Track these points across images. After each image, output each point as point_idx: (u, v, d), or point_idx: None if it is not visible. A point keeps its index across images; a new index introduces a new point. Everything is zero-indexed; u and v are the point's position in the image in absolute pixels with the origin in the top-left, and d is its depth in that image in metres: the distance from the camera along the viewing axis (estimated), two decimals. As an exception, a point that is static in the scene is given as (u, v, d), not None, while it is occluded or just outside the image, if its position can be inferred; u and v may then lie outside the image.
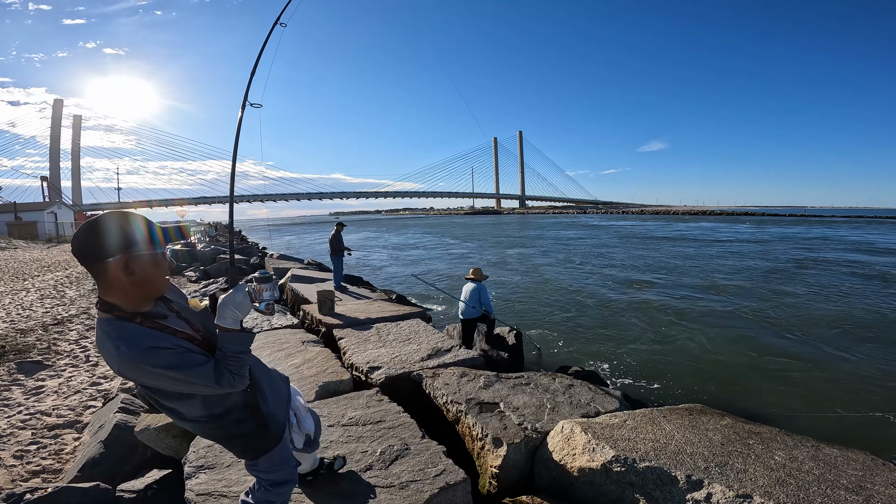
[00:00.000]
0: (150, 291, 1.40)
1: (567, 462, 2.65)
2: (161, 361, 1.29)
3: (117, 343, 1.29)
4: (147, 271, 1.36)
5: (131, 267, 1.32)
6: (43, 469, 3.37)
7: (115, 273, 1.31)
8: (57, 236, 32.18)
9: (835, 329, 8.90)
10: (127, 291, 1.34)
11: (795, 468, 2.73)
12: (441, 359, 4.26)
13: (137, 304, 1.38)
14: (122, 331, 1.31)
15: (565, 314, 10.43)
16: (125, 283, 1.33)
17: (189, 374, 1.33)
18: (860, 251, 23.00)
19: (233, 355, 1.42)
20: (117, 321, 1.33)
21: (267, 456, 1.69)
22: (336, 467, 2.37)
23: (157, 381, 1.33)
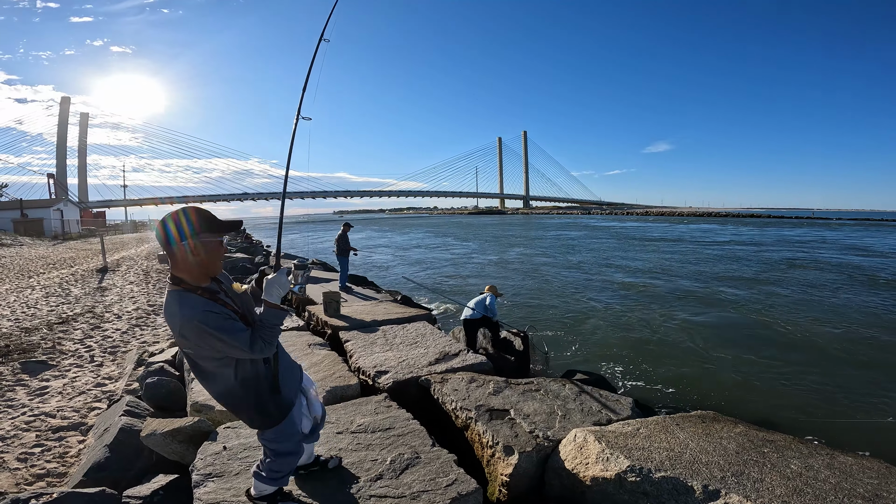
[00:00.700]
0: (210, 271, 1.75)
1: (580, 471, 2.60)
2: (214, 323, 1.62)
3: (182, 308, 1.63)
4: (209, 255, 1.71)
5: (197, 250, 1.67)
6: (47, 472, 3.33)
7: (185, 254, 1.67)
8: (63, 233, 32.30)
9: (836, 332, 8.82)
10: (192, 269, 1.70)
11: (812, 477, 2.68)
12: (449, 363, 4.21)
13: (199, 279, 1.72)
14: (186, 299, 1.65)
15: (568, 316, 10.36)
16: (191, 262, 1.68)
17: (232, 337, 1.64)
18: (853, 253, 23.00)
19: (270, 327, 1.73)
20: (183, 292, 1.67)
21: (275, 428, 1.93)
22: (330, 465, 2.48)
23: (207, 341, 1.64)
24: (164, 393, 4.07)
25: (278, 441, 1.97)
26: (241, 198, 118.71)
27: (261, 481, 2.08)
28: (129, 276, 13.00)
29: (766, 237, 35.31)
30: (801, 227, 54.22)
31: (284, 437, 1.97)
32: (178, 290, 1.69)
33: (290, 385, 2.02)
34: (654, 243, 30.10)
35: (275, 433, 1.95)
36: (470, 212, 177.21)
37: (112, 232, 41.58)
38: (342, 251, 9.64)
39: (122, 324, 7.40)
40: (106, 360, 5.68)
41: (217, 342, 1.64)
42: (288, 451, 2.01)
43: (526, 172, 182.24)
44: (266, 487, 2.11)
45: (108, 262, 15.47)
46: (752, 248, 26.56)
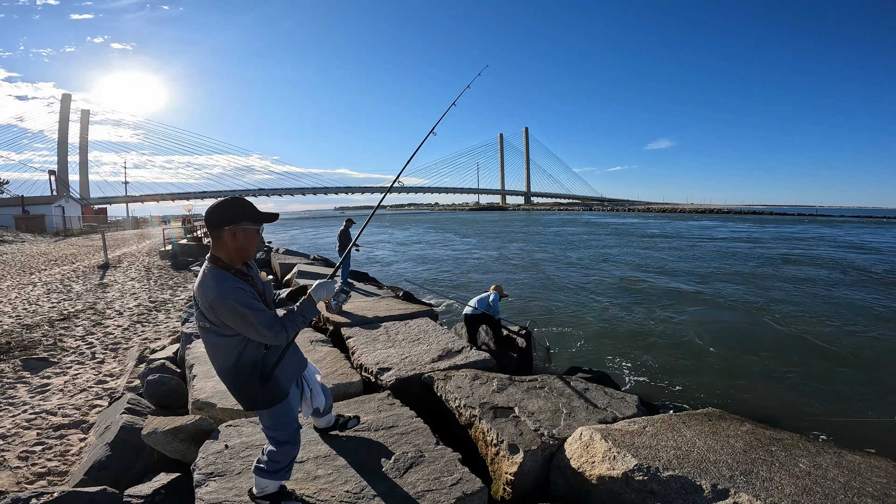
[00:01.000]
0: (245, 255, 1.94)
1: (585, 470, 2.57)
2: (242, 299, 1.78)
3: (218, 282, 1.80)
4: (247, 240, 1.91)
5: (238, 236, 1.88)
6: (48, 471, 3.31)
7: (226, 237, 1.87)
8: (64, 230, 32.31)
9: (837, 329, 8.80)
10: (230, 252, 1.89)
11: (820, 476, 2.64)
12: (452, 360, 4.17)
13: (234, 261, 1.92)
14: (222, 276, 1.83)
15: (568, 312, 10.34)
16: (231, 245, 1.88)
17: (256, 315, 1.78)
18: (850, 250, 23.05)
19: (301, 316, 1.91)
20: (219, 269, 1.86)
21: (270, 412, 2.02)
22: (349, 426, 2.77)
23: (233, 316, 1.78)
24: (166, 390, 4.05)
25: (275, 428, 2.06)
26: (243, 194, 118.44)
27: (261, 475, 2.12)
28: (131, 272, 12.99)
29: (764, 234, 35.36)
30: (801, 223, 54.19)
31: (281, 424, 2.06)
32: (215, 267, 1.87)
33: (288, 376, 2.10)
34: (652, 239, 30.24)
35: (272, 419, 2.04)
36: (471, 208, 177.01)
37: (114, 228, 41.61)
38: (344, 247, 9.60)
39: (124, 320, 7.38)
40: (107, 356, 5.66)
41: (241, 319, 1.78)
42: (285, 439, 2.08)
43: (527, 168, 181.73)
44: (267, 483, 2.14)
45: (109, 258, 15.47)
46: (749, 244, 26.72)
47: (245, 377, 1.94)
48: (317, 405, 2.40)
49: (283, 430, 2.07)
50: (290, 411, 2.08)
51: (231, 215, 1.86)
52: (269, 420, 2.06)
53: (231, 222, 1.86)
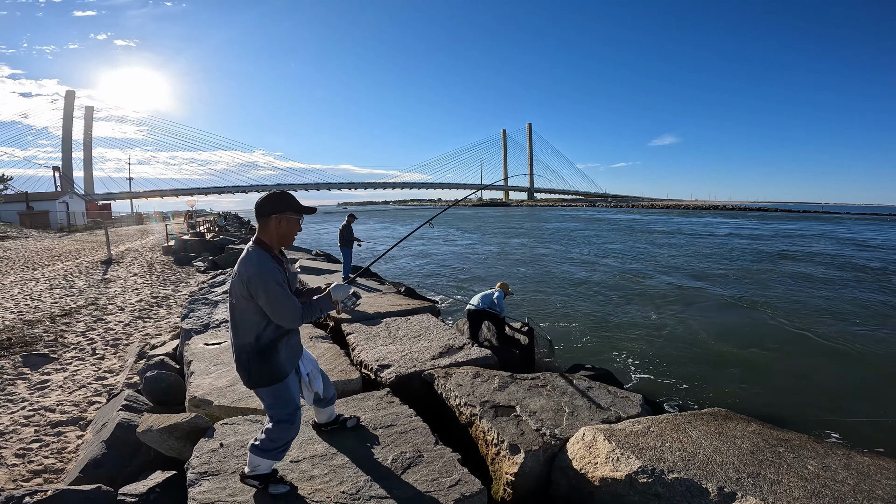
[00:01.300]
0: (286, 241, 2.16)
1: (588, 471, 2.50)
2: (276, 277, 1.99)
3: (261, 260, 2.02)
4: (289, 228, 2.12)
5: (282, 223, 2.09)
6: (45, 468, 3.28)
7: (272, 224, 2.08)
8: (68, 226, 32.44)
9: (838, 327, 8.69)
10: (273, 237, 2.11)
11: (829, 478, 2.57)
12: (453, 357, 4.11)
13: (275, 247, 2.13)
14: (263, 255, 2.05)
15: (570, 307, 10.27)
16: (274, 232, 2.10)
17: (283, 295, 1.99)
18: (851, 247, 22.95)
19: (318, 309, 2.13)
20: (262, 250, 2.07)
21: (270, 390, 2.14)
22: (349, 425, 2.79)
23: (266, 291, 1.96)
24: (164, 387, 4.00)
25: (275, 406, 2.17)
26: (246, 190, 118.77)
27: (255, 453, 2.20)
28: (134, 267, 13.00)
29: (766, 230, 35.18)
30: (804, 220, 53.84)
31: (281, 401, 2.17)
32: (259, 248, 2.08)
33: (287, 358, 2.20)
34: (653, 235, 30.21)
35: (272, 396, 2.16)
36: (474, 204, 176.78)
37: (117, 224, 41.76)
38: (346, 242, 9.54)
39: (125, 316, 7.37)
40: (108, 352, 5.64)
41: (272, 297, 1.96)
42: (283, 418, 2.17)
43: (531, 164, 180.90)
44: (260, 462, 2.21)
45: (112, 253, 15.49)
46: (749, 240, 26.65)
47: (257, 354, 2.09)
48: (316, 389, 2.48)
49: (283, 407, 2.17)
50: (289, 390, 2.19)
51: (278, 205, 2.08)
52: (270, 398, 2.17)
53: (278, 211, 2.07)
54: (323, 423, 2.75)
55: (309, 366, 2.46)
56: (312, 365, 2.50)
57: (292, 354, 2.25)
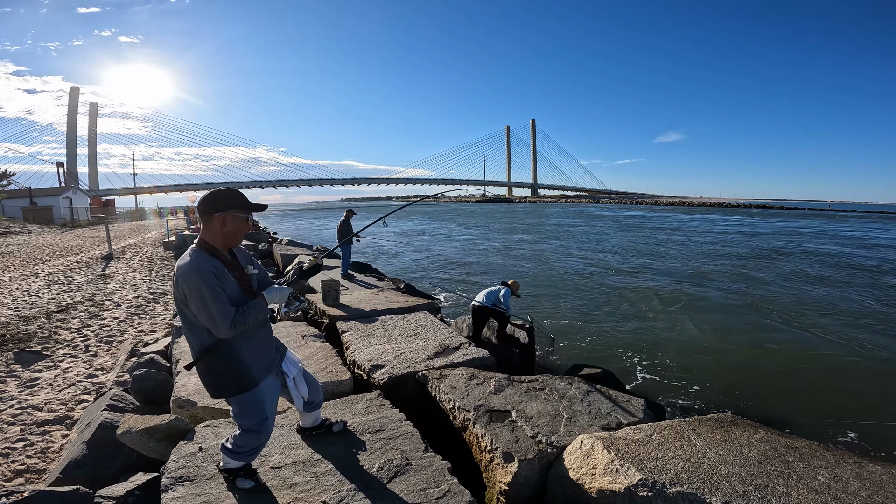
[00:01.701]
0: (232, 242, 2.02)
1: (585, 482, 2.37)
2: (207, 279, 1.83)
3: (192, 260, 1.88)
4: (235, 227, 1.98)
5: (227, 222, 1.95)
6: (27, 468, 3.20)
7: (216, 223, 1.95)
8: (72, 221, 32.51)
9: (838, 325, 8.53)
10: (217, 238, 1.97)
11: (840, 489, 2.44)
12: (448, 357, 3.98)
13: (221, 248, 1.99)
14: (200, 255, 1.91)
15: (571, 304, 10.13)
16: (219, 232, 1.96)
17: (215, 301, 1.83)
18: (848, 244, 22.76)
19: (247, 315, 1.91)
20: (202, 251, 1.94)
21: (236, 400, 2.05)
22: (335, 430, 2.67)
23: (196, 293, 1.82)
24: (153, 386, 3.91)
25: (240, 416, 2.10)
26: (250, 185, 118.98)
27: (225, 453, 2.18)
28: (134, 263, 12.95)
29: (766, 228, 34.99)
30: (806, 218, 53.46)
31: (245, 412, 2.08)
32: (199, 249, 1.94)
33: (259, 365, 2.08)
34: (651, 231, 30.06)
35: (238, 405, 2.08)
36: (477, 200, 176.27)
37: (121, 219, 41.87)
38: (344, 238, 9.43)
39: (121, 312, 7.29)
40: (101, 349, 5.55)
41: (201, 301, 1.83)
42: (248, 427, 2.09)
43: (534, 161, 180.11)
44: (229, 461, 2.19)
45: (113, 249, 15.46)
46: (747, 237, 26.57)
47: (211, 362, 1.99)
48: (303, 393, 2.38)
49: (249, 418, 2.09)
50: (256, 401, 2.08)
51: (223, 202, 1.94)
52: (236, 407, 2.10)
53: (222, 209, 1.94)
54: (308, 427, 2.64)
55: (294, 370, 2.36)
56: (297, 369, 2.40)
57: (262, 360, 2.11)
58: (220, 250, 1.98)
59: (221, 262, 1.95)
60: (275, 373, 2.22)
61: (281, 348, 2.34)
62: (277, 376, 2.26)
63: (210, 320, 1.85)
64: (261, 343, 2.11)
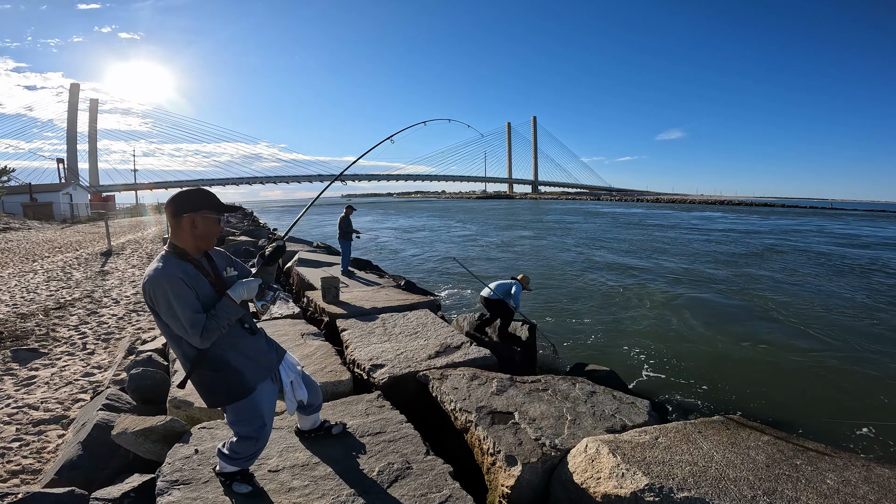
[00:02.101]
0: (204, 245, 1.92)
1: (590, 486, 2.32)
2: (175, 288, 1.74)
3: (158, 265, 1.79)
4: (206, 228, 1.89)
5: (197, 223, 1.86)
6: (22, 469, 3.15)
7: (185, 225, 1.86)
8: (72, 217, 32.46)
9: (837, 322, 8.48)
10: (188, 240, 1.87)
11: (850, 493, 2.39)
12: (450, 357, 3.92)
13: (193, 251, 1.89)
14: (168, 261, 1.81)
15: (570, 302, 10.07)
16: (189, 234, 1.87)
17: (183, 309, 1.74)
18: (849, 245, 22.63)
19: (217, 318, 1.80)
20: (170, 256, 1.85)
21: (232, 407, 2.00)
22: (334, 432, 2.60)
23: (164, 300, 1.74)
24: (149, 384, 3.86)
25: (235, 422, 2.05)
26: (250, 181, 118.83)
27: (221, 458, 2.15)
28: (133, 259, 12.90)
29: (763, 226, 34.99)
30: (805, 216, 53.50)
31: (242, 419, 2.03)
32: (167, 254, 1.86)
33: (253, 370, 2.03)
34: (649, 229, 30.01)
35: (234, 413, 2.02)
36: (478, 196, 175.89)
37: (121, 215, 41.82)
38: (345, 234, 9.37)
39: (120, 309, 7.24)
40: (98, 347, 5.51)
41: (168, 309, 1.75)
42: (245, 434, 2.05)
43: (535, 157, 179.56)
44: (225, 466, 2.16)
45: (113, 245, 15.41)
46: (743, 235, 26.48)
47: (201, 372, 1.93)
48: (300, 398, 2.31)
49: (245, 425, 2.04)
50: (253, 407, 2.03)
51: (192, 203, 1.86)
52: (232, 415, 2.05)
53: (191, 210, 1.85)
54: (306, 430, 2.58)
55: (292, 373, 2.29)
56: (295, 372, 2.33)
57: (259, 364, 2.05)
58: (192, 254, 1.89)
59: (194, 265, 1.87)
60: (272, 377, 2.16)
61: (280, 351, 2.28)
62: (275, 380, 2.20)
63: (181, 329, 1.77)
64: (252, 347, 2.04)
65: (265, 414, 2.07)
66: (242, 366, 1.97)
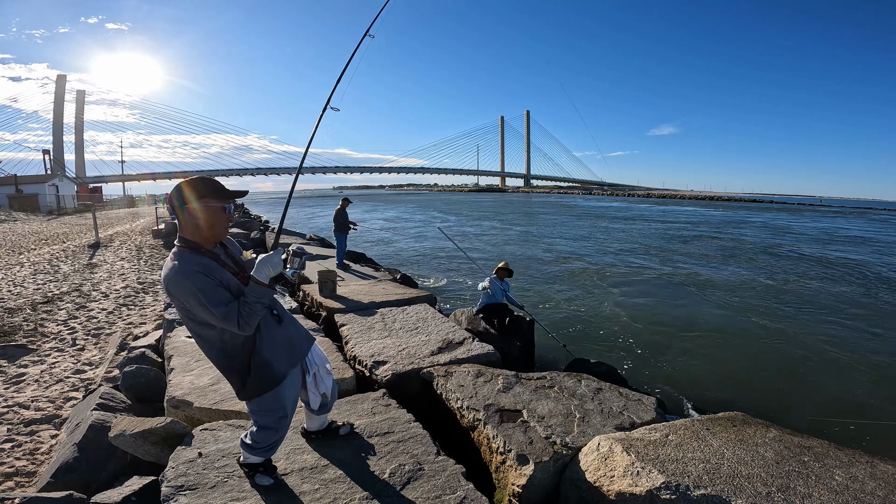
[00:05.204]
0: (213, 234, 1.84)
1: (603, 485, 2.29)
2: (200, 283, 1.69)
3: (176, 263, 1.72)
4: (213, 217, 1.81)
5: (201, 213, 1.78)
6: (16, 471, 3.04)
7: (191, 216, 1.78)
8: (58, 209, 31.77)
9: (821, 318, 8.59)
10: (195, 232, 1.81)
11: (858, 489, 2.39)
12: (453, 353, 3.87)
13: (204, 242, 1.82)
14: (183, 256, 1.75)
15: (564, 297, 10.07)
16: (194, 225, 1.80)
17: (212, 301, 1.69)
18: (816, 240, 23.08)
19: (250, 304, 1.75)
20: (183, 251, 1.78)
21: (258, 399, 1.96)
22: (341, 433, 2.55)
23: (190, 301, 1.70)
24: (144, 383, 3.75)
25: (258, 413, 2.02)
26: (241, 173, 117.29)
27: (244, 448, 2.14)
28: (122, 252, 12.64)
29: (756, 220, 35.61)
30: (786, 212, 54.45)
31: (265, 410, 2.01)
32: (180, 249, 1.79)
33: (282, 359, 1.99)
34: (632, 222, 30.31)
35: (256, 403, 1.99)
36: (470, 189, 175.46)
37: (108, 207, 41.04)
38: (340, 227, 9.26)
39: (109, 303, 7.08)
40: (88, 343, 5.37)
41: (197, 304, 1.70)
42: (267, 424, 2.03)
43: (528, 151, 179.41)
44: (248, 456, 2.15)
45: (101, 237, 15.09)
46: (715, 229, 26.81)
47: (236, 364, 1.90)
48: (323, 390, 2.28)
49: (267, 415, 2.02)
50: (277, 399, 2.00)
51: (196, 192, 1.79)
52: (253, 404, 2.01)
53: (193, 200, 1.79)
54: (313, 431, 2.52)
55: (317, 364, 2.25)
56: (321, 362, 2.28)
57: (288, 352, 2.02)
58: (205, 245, 1.82)
59: (210, 257, 1.80)
60: (300, 367, 2.13)
61: (310, 338, 2.22)
62: (303, 370, 2.18)
63: (217, 321, 1.73)
64: (281, 335, 2.00)
65: (287, 404, 2.04)
66: (271, 356, 1.94)
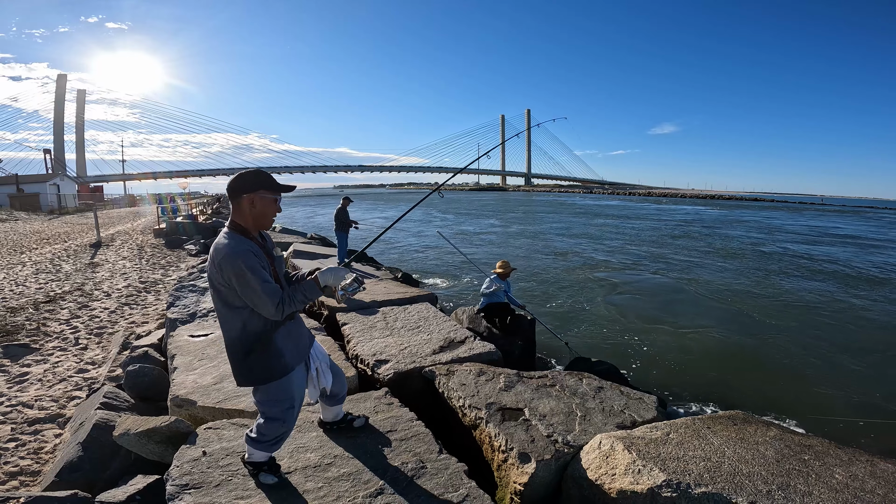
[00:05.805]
0: (263, 223, 1.98)
1: (604, 482, 2.31)
2: (249, 260, 1.82)
3: (230, 243, 1.86)
4: (264, 208, 1.94)
5: (255, 203, 1.92)
6: (21, 470, 3.07)
7: (245, 205, 1.91)
8: (59, 208, 31.82)
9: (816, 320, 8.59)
10: (247, 219, 1.94)
11: (858, 488, 2.40)
12: (455, 352, 3.89)
13: (252, 229, 1.97)
14: (236, 238, 1.90)
15: (560, 293, 10.09)
16: (248, 213, 1.93)
17: (258, 281, 1.81)
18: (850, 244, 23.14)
19: (298, 298, 1.91)
20: (235, 233, 1.92)
21: (265, 387, 2.02)
22: (356, 425, 2.62)
23: (238, 276, 1.81)
24: (147, 382, 3.78)
25: (265, 403, 2.07)
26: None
27: (249, 444, 2.17)
28: (123, 251, 12.67)
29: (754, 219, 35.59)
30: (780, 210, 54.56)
31: (271, 401, 2.05)
32: (232, 231, 1.92)
33: (292, 352, 2.07)
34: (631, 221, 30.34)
35: (265, 393, 2.04)
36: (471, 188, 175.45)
37: (109, 206, 41.10)
38: (342, 226, 9.28)
39: (111, 302, 7.10)
40: (91, 342, 5.39)
41: (245, 283, 1.81)
42: (273, 416, 2.07)
43: (528, 150, 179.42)
44: (254, 452, 2.17)
45: (102, 236, 15.12)
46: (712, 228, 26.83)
47: (247, 349, 1.97)
48: (323, 385, 2.34)
49: (273, 406, 2.06)
50: (284, 389, 2.05)
51: (249, 184, 1.92)
52: (262, 395, 2.06)
53: (250, 190, 1.91)
54: (329, 422, 2.60)
55: (318, 359, 2.33)
56: (322, 358, 2.36)
57: (297, 347, 2.10)
58: (251, 231, 1.96)
59: (255, 243, 1.94)
60: (304, 361, 2.20)
61: (311, 335, 2.32)
62: (307, 365, 2.25)
63: (256, 302, 1.84)
64: (294, 329, 2.10)
65: (295, 396, 2.10)
66: (283, 346, 2.01)
